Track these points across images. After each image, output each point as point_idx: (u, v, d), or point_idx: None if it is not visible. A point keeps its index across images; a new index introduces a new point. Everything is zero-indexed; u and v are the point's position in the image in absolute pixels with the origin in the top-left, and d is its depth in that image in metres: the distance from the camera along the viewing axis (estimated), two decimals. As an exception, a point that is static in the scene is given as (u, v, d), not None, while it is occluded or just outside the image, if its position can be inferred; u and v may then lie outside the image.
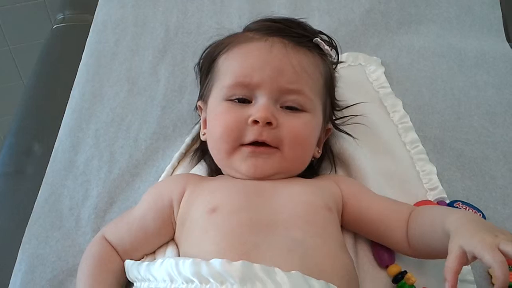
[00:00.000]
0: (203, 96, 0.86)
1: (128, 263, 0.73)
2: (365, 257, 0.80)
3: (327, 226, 0.72)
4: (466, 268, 0.77)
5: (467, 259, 0.58)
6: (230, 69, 0.80)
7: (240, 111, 0.76)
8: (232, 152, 0.77)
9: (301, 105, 0.78)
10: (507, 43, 1.17)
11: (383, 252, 0.79)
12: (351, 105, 0.93)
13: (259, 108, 0.75)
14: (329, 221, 0.73)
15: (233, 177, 0.79)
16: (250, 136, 0.75)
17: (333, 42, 0.89)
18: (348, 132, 0.91)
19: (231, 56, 0.81)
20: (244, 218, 0.70)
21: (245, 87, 0.77)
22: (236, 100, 0.78)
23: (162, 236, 0.77)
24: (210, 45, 0.89)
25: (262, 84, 0.76)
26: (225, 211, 0.71)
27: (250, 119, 0.75)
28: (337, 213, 0.77)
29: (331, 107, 0.88)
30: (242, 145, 0.76)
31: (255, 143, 0.76)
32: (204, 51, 0.90)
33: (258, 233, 0.68)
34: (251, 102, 0.77)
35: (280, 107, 0.78)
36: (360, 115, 0.93)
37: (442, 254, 0.62)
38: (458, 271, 0.57)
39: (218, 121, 0.78)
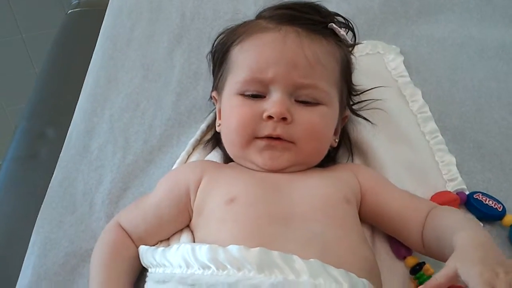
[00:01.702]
0: (217, 87, 0.85)
1: (143, 248, 0.72)
2: (383, 248, 0.79)
3: (346, 218, 0.72)
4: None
5: (457, 279, 0.56)
6: (244, 63, 0.78)
7: (255, 106, 0.75)
8: (247, 145, 0.76)
9: (316, 99, 0.77)
10: (528, 34, 1.14)
11: (400, 243, 0.77)
12: (369, 89, 0.91)
13: (273, 103, 0.74)
14: (348, 214, 0.72)
15: (249, 168, 0.78)
16: (264, 130, 0.75)
17: (350, 24, 0.88)
18: (366, 117, 0.89)
19: (245, 48, 0.79)
20: (262, 210, 0.69)
21: (259, 82, 0.76)
22: (250, 95, 0.77)
23: (178, 224, 0.77)
24: (222, 33, 0.88)
25: (276, 79, 0.75)
26: (243, 203, 0.70)
27: (265, 114, 0.74)
28: (356, 205, 0.76)
29: (348, 92, 0.87)
30: (257, 138, 0.76)
31: (270, 137, 0.75)
32: (216, 39, 0.88)
33: (276, 226, 0.67)
34: (265, 96, 0.76)
35: (295, 100, 0.76)
36: (378, 99, 0.91)
37: None
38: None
39: (232, 115, 0.77)
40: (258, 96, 0.76)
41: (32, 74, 2.01)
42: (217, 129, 0.85)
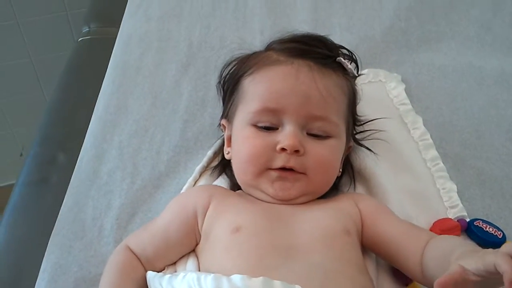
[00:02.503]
0: (227, 115, 0.87)
1: (150, 274, 0.73)
2: (385, 276, 0.79)
3: (346, 250, 0.73)
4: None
5: (463, 279, 0.55)
6: (256, 93, 0.80)
7: (268, 137, 0.77)
8: (260, 175, 0.78)
9: (326, 132, 0.79)
10: (527, 62, 1.16)
11: (403, 270, 0.79)
12: (372, 120, 0.94)
13: (287, 136, 0.76)
14: (347, 245, 0.73)
15: (256, 198, 0.80)
16: (278, 162, 0.76)
17: (354, 56, 0.90)
18: (369, 147, 0.91)
19: (257, 80, 0.81)
20: (266, 241, 0.71)
21: (272, 112, 0.78)
22: (263, 128, 0.79)
23: (185, 247, 0.78)
24: (231, 62, 0.90)
25: (289, 111, 0.77)
26: (248, 233, 0.72)
27: (279, 147, 0.76)
28: (357, 235, 0.77)
29: (353, 123, 0.89)
30: (269, 169, 0.77)
31: (282, 169, 0.77)
32: (224, 68, 0.90)
33: (278, 257, 0.69)
34: (277, 128, 0.78)
35: (307, 133, 0.78)
36: (381, 130, 0.93)
37: None
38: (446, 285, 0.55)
39: (245, 145, 0.79)
40: (271, 128, 0.78)
41: (40, 96, 2.04)
42: (226, 156, 0.86)
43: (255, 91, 0.81)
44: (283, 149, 0.76)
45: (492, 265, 0.52)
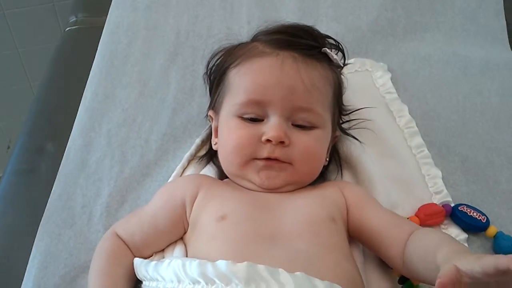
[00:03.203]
0: (214, 106, 0.88)
1: (137, 261, 0.74)
2: (372, 259, 0.81)
3: (331, 236, 0.74)
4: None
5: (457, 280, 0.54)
6: (242, 85, 0.81)
7: (253, 128, 0.78)
8: (245, 165, 0.79)
9: (311, 123, 0.80)
10: (511, 51, 1.18)
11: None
12: (358, 109, 0.95)
13: (272, 127, 0.77)
14: (333, 232, 0.75)
15: (243, 187, 0.81)
16: (263, 152, 0.77)
17: (340, 46, 0.91)
18: (355, 136, 0.92)
19: (242, 72, 0.82)
20: (251, 228, 0.72)
21: (257, 104, 0.78)
22: (248, 119, 0.79)
23: (172, 235, 0.79)
24: (218, 53, 0.90)
25: (274, 103, 0.78)
26: (233, 221, 0.73)
27: (264, 138, 0.77)
28: (343, 222, 0.78)
29: (339, 113, 0.90)
30: (255, 158, 0.78)
31: (268, 159, 0.78)
32: (211, 59, 0.91)
33: (263, 243, 0.70)
34: (263, 120, 0.79)
35: (292, 124, 0.79)
36: (367, 120, 0.94)
37: (432, 282, 0.59)
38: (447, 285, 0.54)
39: (231, 136, 0.80)
40: (256, 120, 0.79)
41: (27, 88, 2.03)
42: (214, 147, 0.87)
43: (241, 83, 0.81)
44: (268, 140, 0.77)
45: (491, 267, 0.52)
